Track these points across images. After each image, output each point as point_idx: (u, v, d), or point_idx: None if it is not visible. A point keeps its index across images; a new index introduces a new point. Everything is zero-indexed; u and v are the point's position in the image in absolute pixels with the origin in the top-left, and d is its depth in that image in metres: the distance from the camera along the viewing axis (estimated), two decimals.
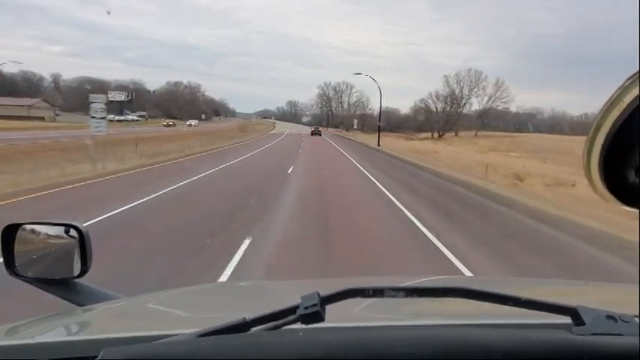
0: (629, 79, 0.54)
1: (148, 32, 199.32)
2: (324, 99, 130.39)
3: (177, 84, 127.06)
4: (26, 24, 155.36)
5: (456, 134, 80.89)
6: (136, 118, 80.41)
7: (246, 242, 6.59)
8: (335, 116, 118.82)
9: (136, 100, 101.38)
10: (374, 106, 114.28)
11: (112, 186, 12.50)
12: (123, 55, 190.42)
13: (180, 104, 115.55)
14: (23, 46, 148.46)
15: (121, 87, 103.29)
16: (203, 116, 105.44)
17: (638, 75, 0.52)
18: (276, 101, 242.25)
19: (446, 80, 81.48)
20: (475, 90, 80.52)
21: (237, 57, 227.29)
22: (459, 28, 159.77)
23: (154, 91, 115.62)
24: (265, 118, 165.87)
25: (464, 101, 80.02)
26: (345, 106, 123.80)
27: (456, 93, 79.04)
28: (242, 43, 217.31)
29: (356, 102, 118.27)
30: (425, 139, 67.00)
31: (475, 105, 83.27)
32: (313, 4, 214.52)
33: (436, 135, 74.52)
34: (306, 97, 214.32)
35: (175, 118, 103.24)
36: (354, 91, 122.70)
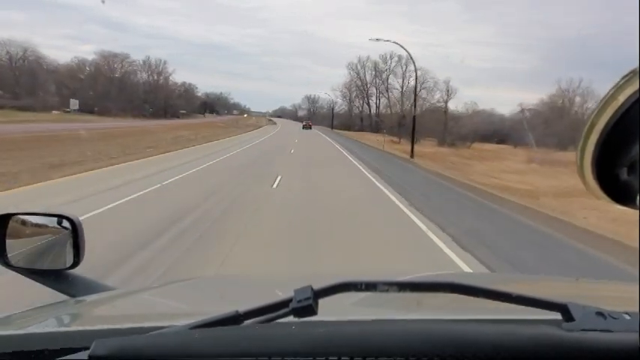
0: (623, 78, 0.53)
1: (172, 31, 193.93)
2: (356, 86, 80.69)
3: (117, 56, 77.52)
4: (60, 23, 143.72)
5: None
6: None
7: None
8: (380, 115, 69.39)
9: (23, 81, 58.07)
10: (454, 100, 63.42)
11: None
12: (148, 53, 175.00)
13: (101, 89, 67.71)
14: (56, 44, 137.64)
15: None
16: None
17: (632, 74, 0.52)
18: (295, 99, 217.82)
19: None
20: None
21: (259, 56, 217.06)
22: (488, 30, 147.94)
23: (55, 69, 67.87)
24: (277, 116, 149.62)
25: None
26: (396, 93, 70.22)
27: None
28: (265, 42, 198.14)
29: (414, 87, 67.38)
30: None
31: None
32: (340, 4, 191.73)
33: None
34: (327, 88, 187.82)
35: (92, 112, 60.97)
36: (409, 69, 65.05)
